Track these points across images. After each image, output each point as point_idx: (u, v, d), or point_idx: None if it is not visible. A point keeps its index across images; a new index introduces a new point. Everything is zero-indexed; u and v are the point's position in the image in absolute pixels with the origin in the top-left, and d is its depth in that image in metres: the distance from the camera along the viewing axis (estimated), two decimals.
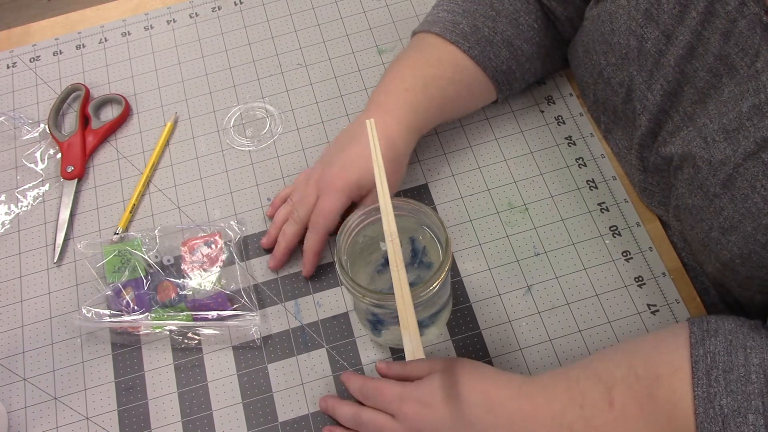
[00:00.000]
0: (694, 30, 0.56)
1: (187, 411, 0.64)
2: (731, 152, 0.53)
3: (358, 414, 0.59)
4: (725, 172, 0.54)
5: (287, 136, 0.78)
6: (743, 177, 0.52)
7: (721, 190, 0.54)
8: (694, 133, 0.58)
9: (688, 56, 0.57)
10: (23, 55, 0.87)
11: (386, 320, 0.61)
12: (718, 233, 0.55)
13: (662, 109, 0.61)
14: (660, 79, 0.60)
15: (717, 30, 0.55)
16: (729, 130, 0.54)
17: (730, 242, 0.54)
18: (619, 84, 0.64)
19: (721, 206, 0.55)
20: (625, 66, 0.63)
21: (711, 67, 0.56)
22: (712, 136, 0.55)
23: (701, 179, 0.56)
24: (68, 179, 0.76)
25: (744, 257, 0.54)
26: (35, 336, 0.69)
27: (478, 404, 0.56)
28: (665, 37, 0.59)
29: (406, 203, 0.58)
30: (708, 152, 0.55)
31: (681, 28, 0.57)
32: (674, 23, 0.58)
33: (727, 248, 0.55)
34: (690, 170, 0.58)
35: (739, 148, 0.53)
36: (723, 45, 0.55)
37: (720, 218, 0.55)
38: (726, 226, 0.54)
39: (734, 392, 0.48)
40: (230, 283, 0.69)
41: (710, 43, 0.56)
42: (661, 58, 0.59)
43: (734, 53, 0.54)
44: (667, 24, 0.58)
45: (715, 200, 0.55)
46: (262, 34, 0.86)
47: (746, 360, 0.49)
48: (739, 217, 0.53)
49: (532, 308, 0.66)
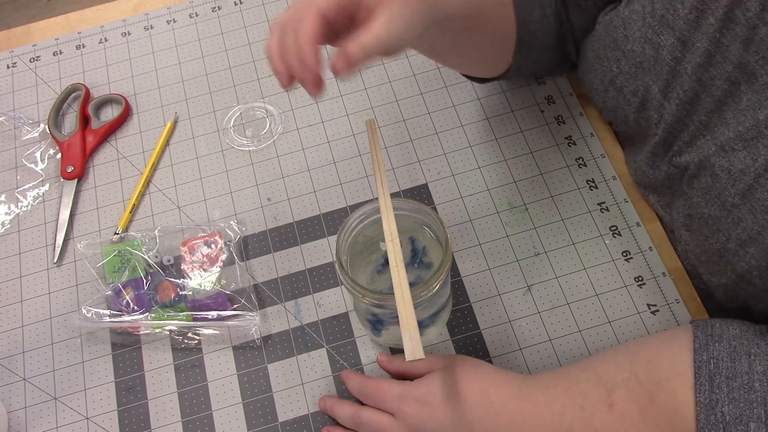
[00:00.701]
0: (712, 37, 0.54)
1: (187, 411, 0.64)
2: (751, 162, 0.52)
3: (357, 414, 0.59)
4: (745, 182, 0.52)
5: (287, 136, 0.78)
6: (764, 187, 0.51)
7: (740, 200, 0.53)
8: (711, 142, 0.56)
9: (706, 64, 0.56)
10: (23, 55, 0.87)
11: (386, 320, 0.61)
12: (736, 244, 0.54)
13: (678, 118, 0.59)
14: (677, 88, 0.58)
15: (737, 37, 0.53)
16: (747, 139, 0.53)
17: (748, 254, 0.53)
18: (633, 93, 0.62)
19: (739, 217, 0.53)
20: (640, 75, 0.61)
21: (729, 75, 0.55)
22: (730, 145, 0.54)
23: (719, 189, 0.55)
24: (68, 179, 0.76)
25: (762, 269, 0.53)
26: (35, 336, 0.69)
27: (477, 404, 0.55)
28: (681, 44, 0.57)
29: (406, 203, 0.58)
30: (727, 161, 0.54)
31: (698, 35, 0.55)
32: (691, 29, 0.56)
33: (745, 260, 0.54)
34: (707, 179, 0.56)
35: (759, 157, 0.52)
36: (743, 52, 0.53)
37: (738, 229, 0.54)
38: (744, 238, 0.53)
39: (737, 400, 0.48)
40: (230, 283, 0.69)
41: (729, 51, 0.54)
42: (678, 66, 0.57)
43: (754, 61, 0.53)
44: (683, 30, 0.56)
45: (733, 211, 0.54)
46: (262, 34, 0.86)
47: (750, 367, 0.48)
48: (758, 228, 0.52)
49: (532, 308, 0.66)
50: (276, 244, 0.72)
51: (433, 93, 0.79)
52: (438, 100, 0.79)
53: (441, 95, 0.79)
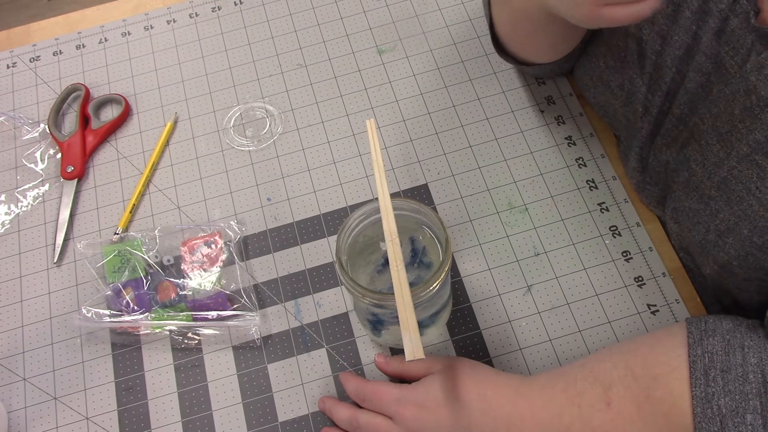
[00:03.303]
0: (689, 29, 0.56)
1: (187, 411, 0.64)
2: (725, 155, 0.53)
3: (355, 417, 0.59)
4: (720, 175, 0.54)
5: (287, 136, 0.78)
6: (738, 179, 0.52)
7: (716, 192, 0.54)
8: (688, 136, 0.58)
9: (685, 57, 0.57)
10: (23, 55, 0.87)
11: (386, 320, 0.61)
12: (715, 236, 0.55)
13: (662, 111, 0.61)
14: (659, 81, 0.60)
15: (710, 29, 0.55)
16: (722, 133, 0.54)
17: (727, 244, 0.54)
18: (619, 87, 0.64)
19: (716, 209, 0.55)
20: (625, 69, 0.62)
21: (701, 67, 0.56)
22: (705, 139, 0.55)
23: (696, 182, 0.56)
24: (68, 179, 0.76)
25: (741, 259, 0.54)
26: (35, 336, 0.69)
27: (475, 407, 0.56)
28: (661, 38, 0.58)
29: (406, 203, 0.58)
30: (702, 155, 0.55)
31: (675, 28, 0.57)
32: (669, 23, 0.57)
33: (724, 250, 0.55)
34: (685, 173, 0.57)
35: (732, 150, 0.53)
36: (715, 44, 0.54)
37: (716, 221, 0.55)
38: (722, 229, 0.54)
39: (732, 392, 0.48)
40: (230, 283, 0.69)
41: (702, 43, 0.55)
42: (659, 60, 0.59)
43: (724, 52, 0.54)
44: (662, 24, 0.58)
45: (710, 203, 0.55)
46: (262, 34, 0.86)
47: (744, 360, 0.49)
48: (735, 219, 0.53)
49: (532, 308, 0.66)
50: (276, 244, 0.72)
51: (433, 93, 0.79)
52: (438, 100, 0.79)
53: (441, 95, 0.79)
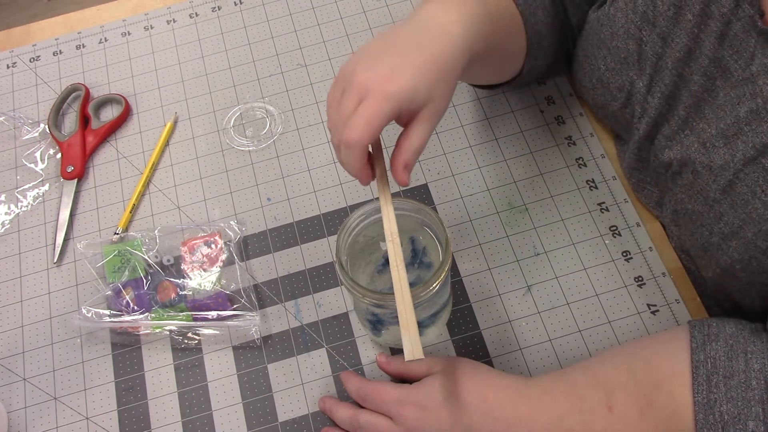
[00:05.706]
0: (691, 32, 0.56)
1: (187, 411, 0.64)
2: (730, 157, 0.53)
3: (355, 417, 0.59)
4: (725, 178, 0.53)
5: (287, 136, 0.78)
6: (743, 182, 0.52)
7: (721, 195, 0.54)
8: (693, 138, 0.57)
9: (686, 59, 0.57)
10: (23, 55, 0.87)
11: (386, 320, 0.61)
12: (719, 239, 0.55)
13: (661, 113, 0.61)
14: (659, 82, 0.60)
15: (712, 32, 0.55)
16: (728, 135, 0.54)
17: (731, 248, 0.54)
18: (618, 89, 0.64)
19: (721, 212, 0.54)
20: (625, 70, 0.62)
21: (705, 70, 0.56)
22: (711, 142, 0.55)
23: (701, 185, 0.56)
24: (68, 179, 0.76)
25: (744, 263, 0.54)
26: (35, 336, 0.69)
27: (476, 408, 0.55)
28: (662, 40, 0.58)
29: (406, 203, 0.58)
30: (707, 157, 0.55)
31: (677, 31, 0.57)
32: (670, 25, 0.57)
33: (728, 254, 0.55)
34: (689, 176, 0.57)
35: (738, 153, 0.53)
36: (717, 47, 0.54)
37: (720, 224, 0.55)
38: (726, 232, 0.54)
39: (734, 398, 0.48)
40: (230, 283, 0.69)
41: (705, 46, 0.55)
42: (659, 62, 0.59)
43: (728, 56, 0.54)
44: (663, 26, 0.58)
45: (715, 206, 0.55)
46: (262, 34, 0.86)
47: (747, 365, 0.48)
48: (739, 222, 0.53)
49: (532, 308, 0.66)
50: (276, 244, 0.72)
51: None
52: None
53: None
